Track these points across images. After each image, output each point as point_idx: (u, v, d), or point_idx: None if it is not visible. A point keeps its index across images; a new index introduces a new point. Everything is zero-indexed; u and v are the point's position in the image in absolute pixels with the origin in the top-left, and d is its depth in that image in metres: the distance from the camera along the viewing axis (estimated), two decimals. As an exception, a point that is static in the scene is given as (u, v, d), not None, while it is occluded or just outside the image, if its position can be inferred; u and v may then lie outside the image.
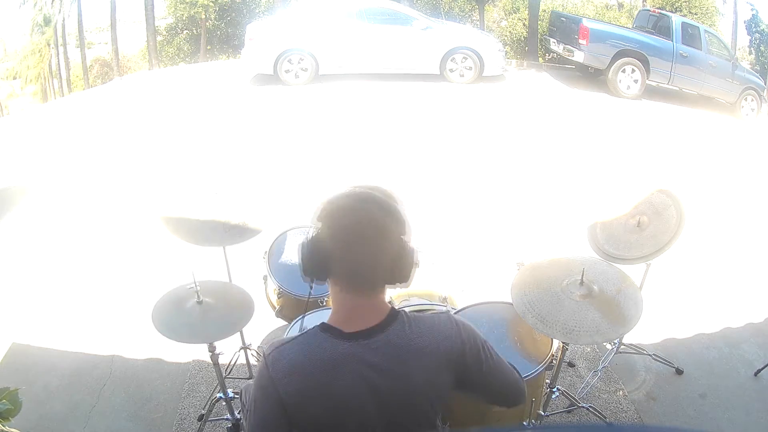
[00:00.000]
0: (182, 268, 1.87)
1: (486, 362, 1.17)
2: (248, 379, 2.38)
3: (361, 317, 1.09)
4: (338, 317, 1.10)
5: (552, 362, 1.79)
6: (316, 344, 1.08)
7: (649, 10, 9.62)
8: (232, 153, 5.22)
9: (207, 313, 1.76)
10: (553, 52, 9.44)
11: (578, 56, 8.05)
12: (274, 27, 7.80)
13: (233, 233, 2.07)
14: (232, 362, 2.37)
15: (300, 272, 1.11)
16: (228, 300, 1.84)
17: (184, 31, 12.42)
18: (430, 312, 1.18)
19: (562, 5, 12.09)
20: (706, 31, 8.44)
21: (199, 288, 1.77)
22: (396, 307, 1.14)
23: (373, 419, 1.09)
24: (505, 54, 8.66)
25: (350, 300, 1.09)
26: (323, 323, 1.11)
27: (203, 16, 11.59)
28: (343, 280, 1.09)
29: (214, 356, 1.90)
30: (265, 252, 2.23)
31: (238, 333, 2.27)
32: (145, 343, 2.64)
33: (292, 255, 2.24)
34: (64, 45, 11.93)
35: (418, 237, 1.14)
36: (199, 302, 1.77)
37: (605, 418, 2.28)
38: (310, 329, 1.12)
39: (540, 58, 10.76)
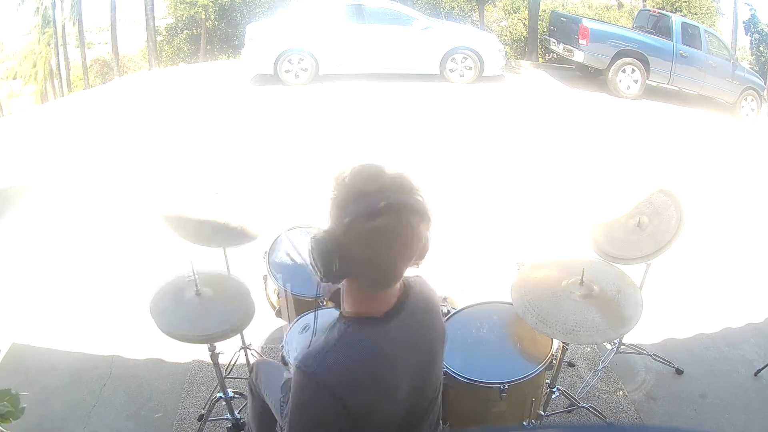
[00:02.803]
0: (182, 268, 1.86)
1: None
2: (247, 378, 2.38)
3: (386, 300, 1.09)
4: (364, 306, 1.06)
5: (552, 362, 1.79)
6: (362, 338, 1.03)
7: (649, 10, 9.63)
8: (232, 153, 5.22)
9: (206, 305, 1.76)
10: (553, 52, 9.44)
11: (578, 56, 8.05)
12: (274, 27, 7.80)
13: (233, 236, 2.07)
14: (232, 362, 2.37)
15: (316, 275, 1.04)
16: (226, 291, 1.84)
17: (184, 31, 12.43)
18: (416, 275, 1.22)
19: (562, 5, 12.09)
20: (706, 31, 8.44)
21: (197, 278, 1.77)
22: None
23: (422, 386, 1.13)
24: (505, 54, 8.67)
25: (373, 293, 1.07)
26: (352, 317, 1.06)
27: (203, 16, 11.60)
28: (366, 281, 1.04)
29: (214, 356, 1.90)
30: (265, 252, 2.23)
31: (238, 333, 2.26)
32: (145, 343, 2.64)
33: (292, 255, 2.24)
34: (64, 45, 11.93)
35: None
36: (198, 293, 1.77)
37: (605, 418, 2.28)
38: (340, 328, 1.05)
39: (540, 58, 10.76)
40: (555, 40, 8.79)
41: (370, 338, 1.04)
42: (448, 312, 1.93)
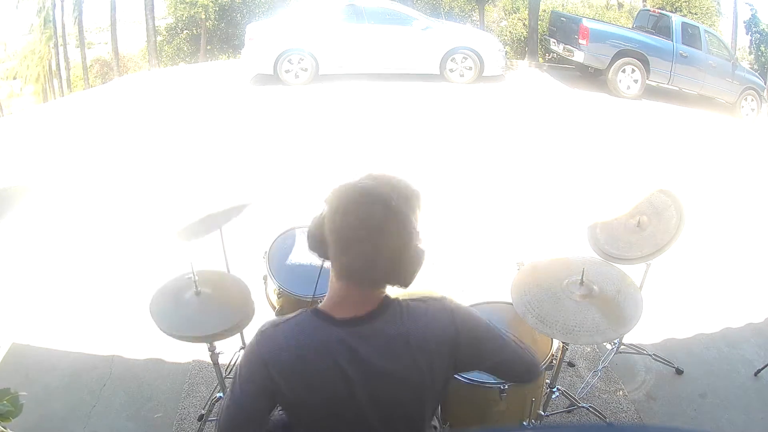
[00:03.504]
0: (182, 268, 1.86)
1: (490, 344, 1.18)
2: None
3: (352, 305, 1.09)
4: (330, 302, 1.11)
5: (552, 362, 1.80)
6: (306, 327, 1.09)
7: (649, 10, 9.62)
8: (231, 153, 5.22)
9: (205, 304, 1.76)
10: (553, 52, 9.44)
11: (578, 56, 8.05)
12: (274, 27, 7.80)
13: (229, 214, 2.07)
14: (232, 362, 2.37)
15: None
16: (226, 290, 1.84)
17: (184, 31, 12.41)
18: (425, 300, 1.17)
19: (562, 5, 12.09)
20: (706, 31, 8.44)
21: (197, 278, 1.77)
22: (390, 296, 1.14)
23: (364, 407, 1.09)
24: (505, 54, 8.66)
25: (343, 288, 1.09)
26: (315, 308, 1.12)
27: (203, 16, 11.58)
28: (336, 268, 1.09)
29: (214, 356, 1.91)
30: (265, 252, 2.23)
31: (238, 333, 2.27)
32: (145, 343, 2.64)
33: (292, 255, 2.24)
34: (64, 45, 11.92)
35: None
36: (197, 293, 1.77)
37: (605, 418, 2.28)
38: (303, 312, 1.13)
39: (540, 58, 10.75)
40: (555, 40, 8.79)
41: (312, 331, 1.08)
42: None
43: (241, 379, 1.10)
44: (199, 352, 2.48)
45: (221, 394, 2.04)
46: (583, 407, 2.23)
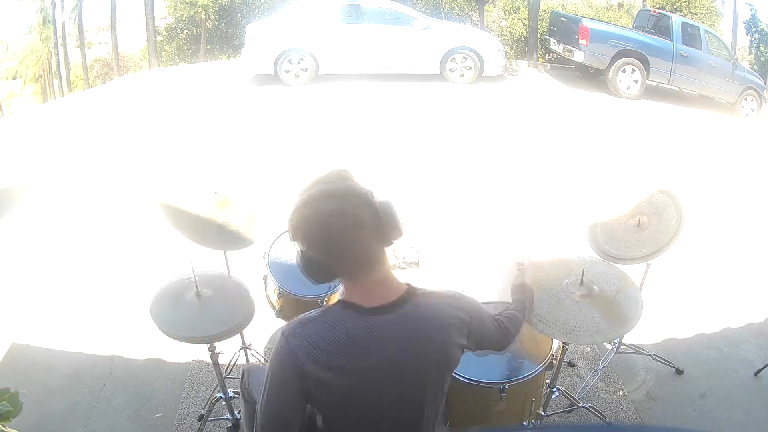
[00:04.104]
0: (183, 268, 1.86)
1: (486, 329, 1.29)
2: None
3: (378, 293, 1.12)
4: (356, 295, 1.12)
5: (552, 362, 1.79)
6: (339, 320, 1.10)
7: (649, 10, 9.62)
8: (232, 153, 5.22)
9: (206, 306, 1.77)
10: (553, 52, 9.44)
11: (578, 56, 8.05)
12: (274, 27, 7.80)
13: (229, 239, 2.06)
14: (232, 362, 2.37)
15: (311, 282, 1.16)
16: (226, 292, 1.84)
17: (184, 31, 12.41)
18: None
19: (562, 5, 12.09)
20: (706, 31, 8.44)
21: (197, 280, 1.77)
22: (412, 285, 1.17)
23: (392, 392, 1.12)
24: (505, 54, 8.67)
25: (362, 280, 1.12)
26: (342, 300, 1.14)
27: (203, 16, 11.58)
28: (345, 272, 1.12)
29: (214, 356, 1.91)
30: (265, 252, 2.23)
31: (238, 333, 2.26)
32: (145, 343, 2.64)
33: (291, 255, 2.24)
34: (64, 45, 11.92)
35: (418, 237, 1.14)
36: (198, 295, 1.77)
37: (605, 418, 2.28)
38: (330, 306, 1.15)
39: (540, 58, 10.76)
40: (555, 40, 8.80)
41: (345, 323, 1.10)
42: None
43: (275, 382, 1.11)
44: (199, 352, 2.48)
45: (221, 394, 2.04)
46: (583, 407, 2.23)
